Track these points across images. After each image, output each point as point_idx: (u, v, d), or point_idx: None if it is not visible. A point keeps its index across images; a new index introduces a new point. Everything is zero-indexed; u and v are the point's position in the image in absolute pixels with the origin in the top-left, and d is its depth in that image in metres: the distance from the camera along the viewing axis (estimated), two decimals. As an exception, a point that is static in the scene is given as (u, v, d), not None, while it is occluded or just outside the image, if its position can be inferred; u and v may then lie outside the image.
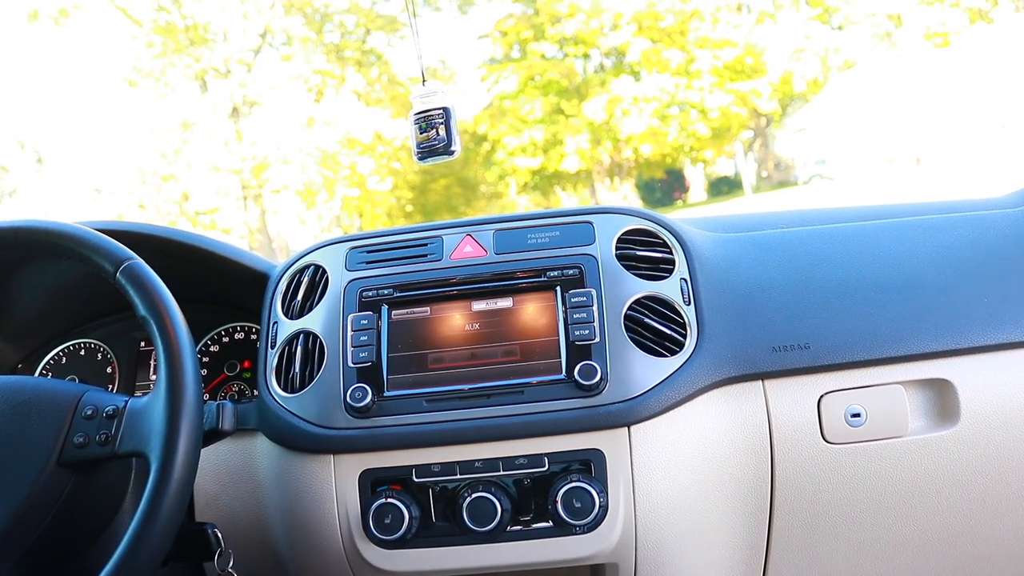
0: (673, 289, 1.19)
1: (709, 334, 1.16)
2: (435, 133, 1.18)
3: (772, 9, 20.95)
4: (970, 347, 1.16)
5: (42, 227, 1.10)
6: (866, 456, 1.16)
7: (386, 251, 1.27)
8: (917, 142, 17.83)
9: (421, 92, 1.19)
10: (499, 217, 1.29)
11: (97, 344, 1.48)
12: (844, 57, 20.24)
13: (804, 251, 1.28)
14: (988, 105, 15.65)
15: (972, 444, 1.16)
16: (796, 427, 1.16)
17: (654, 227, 1.27)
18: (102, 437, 1.02)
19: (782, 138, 22.72)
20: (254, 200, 21.05)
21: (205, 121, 19.75)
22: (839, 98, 19.81)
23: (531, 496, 1.10)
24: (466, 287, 1.21)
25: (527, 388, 1.12)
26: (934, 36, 19.40)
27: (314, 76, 20.72)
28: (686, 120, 20.23)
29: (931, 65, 18.45)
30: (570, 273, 1.19)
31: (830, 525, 1.19)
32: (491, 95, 21.02)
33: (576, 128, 20.21)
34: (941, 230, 1.30)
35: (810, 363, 1.16)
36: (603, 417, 1.09)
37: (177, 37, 19.97)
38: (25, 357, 1.49)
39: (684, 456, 1.12)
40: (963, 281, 1.21)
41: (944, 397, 1.17)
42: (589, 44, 20.78)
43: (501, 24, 20.91)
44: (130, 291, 1.04)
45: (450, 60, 21.90)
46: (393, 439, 1.11)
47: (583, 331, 1.14)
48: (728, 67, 20.18)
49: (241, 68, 20.60)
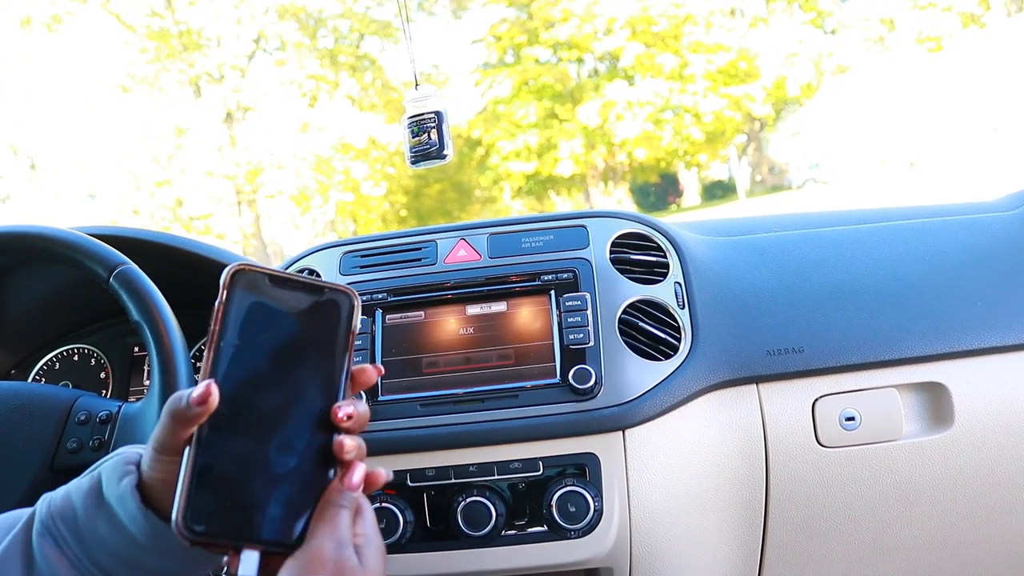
0: (667, 293, 1.20)
1: (703, 338, 1.16)
2: (427, 137, 1.18)
3: (765, 13, 21.00)
4: (964, 350, 1.16)
5: (35, 232, 1.10)
6: (860, 460, 1.16)
7: (380, 255, 1.27)
8: (910, 146, 17.89)
9: (414, 96, 1.19)
10: (493, 221, 1.29)
11: (90, 349, 1.47)
12: (837, 61, 20.29)
13: (798, 255, 1.28)
14: (981, 109, 15.71)
15: (966, 447, 1.16)
16: (790, 431, 1.16)
17: (648, 231, 1.27)
18: (95, 442, 1.02)
19: (776, 142, 22.76)
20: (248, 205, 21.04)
21: (199, 126, 19.73)
22: (833, 102, 19.86)
23: (526, 500, 1.10)
24: (460, 291, 1.21)
25: (521, 392, 1.12)
26: (927, 40, 19.47)
27: (308, 81, 20.72)
28: (680, 124, 20.25)
29: (924, 69, 18.52)
30: (564, 277, 1.19)
31: (824, 529, 1.19)
32: (485, 100, 21.03)
33: (570, 133, 20.22)
34: (934, 233, 1.30)
35: (804, 367, 1.16)
36: (597, 421, 1.09)
37: (170, 42, 19.95)
38: (18, 363, 1.49)
39: (678, 460, 1.12)
40: (957, 284, 1.21)
41: (938, 400, 1.17)
42: (583, 49, 20.80)
43: (495, 29, 20.92)
44: (123, 296, 1.04)
45: (444, 65, 21.90)
46: (387, 444, 1.11)
47: (577, 335, 1.14)
48: (722, 71, 20.20)
49: (235, 73, 20.59)
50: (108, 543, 0.68)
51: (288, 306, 0.69)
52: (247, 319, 0.67)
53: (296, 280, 0.70)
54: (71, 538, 0.68)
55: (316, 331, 0.69)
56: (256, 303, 0.68)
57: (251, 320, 0.67)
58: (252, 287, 0.68)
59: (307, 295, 0.70)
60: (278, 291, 0.69)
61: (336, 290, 0.70)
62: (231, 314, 0.67)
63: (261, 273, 0.69)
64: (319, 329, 0.69)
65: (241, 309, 0.67)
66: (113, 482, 0.69)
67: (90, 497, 0.70)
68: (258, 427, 0.66)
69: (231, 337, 0.67)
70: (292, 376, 0.68)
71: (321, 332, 0.69)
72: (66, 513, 0.69)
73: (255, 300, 0.68)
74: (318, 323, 0.69)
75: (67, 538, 0.68)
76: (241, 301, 0.67)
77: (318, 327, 0.69)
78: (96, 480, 0.70)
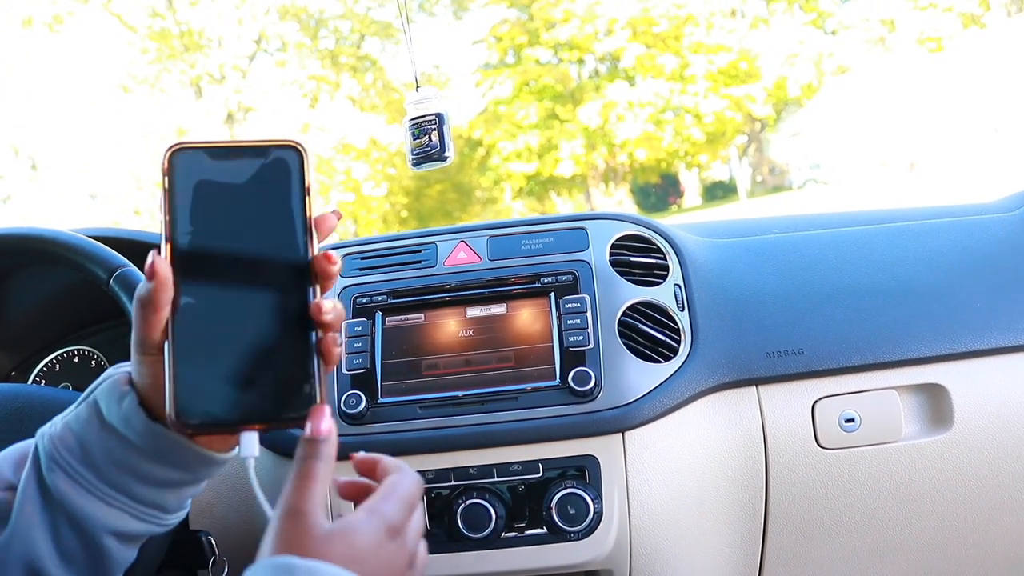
0: (667, 295, 1.20)
1: (703, 340, 1.16)
2: (428, 139, 1.18)
3: (766, 14, 21.00)
4: (964, 352, 1.16)
5: (35, 234, 1.10)
6: (860, 461, 1.16)
7: (380, 257, 1.27)
8: (911, 147, 17.88)
9: (415, 98, 1.19)
10: (493, 223, 1.29)
11: (90, 351, 1.48)
12: (838, 62, 20.29)
13: (798, 256, 1.28)
14: (981, 110, 15.70)
15: (966, 449, 1.16)
16: (790, 432, 1.16)
17: (648, 233, 1.27)
18: (95, 445, 1.02)
19: (776, 143, 22.75)
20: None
21: (200, 127, 19.73)
22: (833, 103, 19.86)
23: (525, 502, 1.10)
24: (460, 293, 1.21)
25: (521, 394, 1.12)
26: (927, 41, 19.47)
27: (309, 82, 20.72)
28: (681, 125, 20.24)
29: (924, 70, 18.51)
30: (564, 279, 1.19)
31: (824, 530, 1.19)
32: (486, 100, 21.02)
33: (571, 133, 20.21)
34: (935, 235, 1.30)
35: (804, 368, 1.16)
36: (597, 423, 1.09)
37: (172, 43, 19.97)
38: (18, 365, 1.49)
39: (678, 462, 1.12)
40: (957, 286, 1.21)
41: (938, 402, 1.17)
42: (584, 49, 20.80)
43: (496, 29, 20.92)
44: (123, 298, 1.04)
45: (445, 65, 21.90)
46: (387, 446, 1.11)
47: (577, 337, 1.14)
48: (722, 72, 20.20)
49: (236, 74, 20.61)
50: (121, 463, 0.69)
51: (235, 175, 0.67)
52: (195, 200, 0.66)
53: (237, 146, 0.68)
54: (81, 467, 0.69)
55: (268, 194, 0.67)
56: (201, 181, 0.66)
57: (199, 199, 0.66)
58: (194, 165, 0.66)
59: (252, 159, 0.67)
60: (222, 163, 0.67)
61: (281, 146, 0.68)
62: (178, 197, 0.66)
63: (200, 148, 0.67)
64: (271, 191, 0.67)
65: (187, 191, 0.66)
66: (113, 405, 0.69)
67: (92, 424, 0.70)
68: (229, 305, 0.65)
69: (183, 223, 0.65)
70: (253, 246, 0.66)
71: (273, 193, 0.67)
72: (70, 443, 0.70)
73: (200, 179, 0.66)
74: (269, 186, 0.67)
75: (77, 468, 0.69)
76: (186, 182, 0.66)
77: (269, 189, 0.67)
78: (94, 406, 0.71)
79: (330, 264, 0.66)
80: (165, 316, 0.65)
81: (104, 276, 1.06)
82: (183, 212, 0.65)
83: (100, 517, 0.69)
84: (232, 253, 0.66)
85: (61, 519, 0.69)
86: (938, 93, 17.32)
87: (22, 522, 0.68)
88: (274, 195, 0.67)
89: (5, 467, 0.72)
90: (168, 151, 0.66)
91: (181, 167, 0.66)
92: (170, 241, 0.65)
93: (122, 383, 0.71)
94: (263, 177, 0.67)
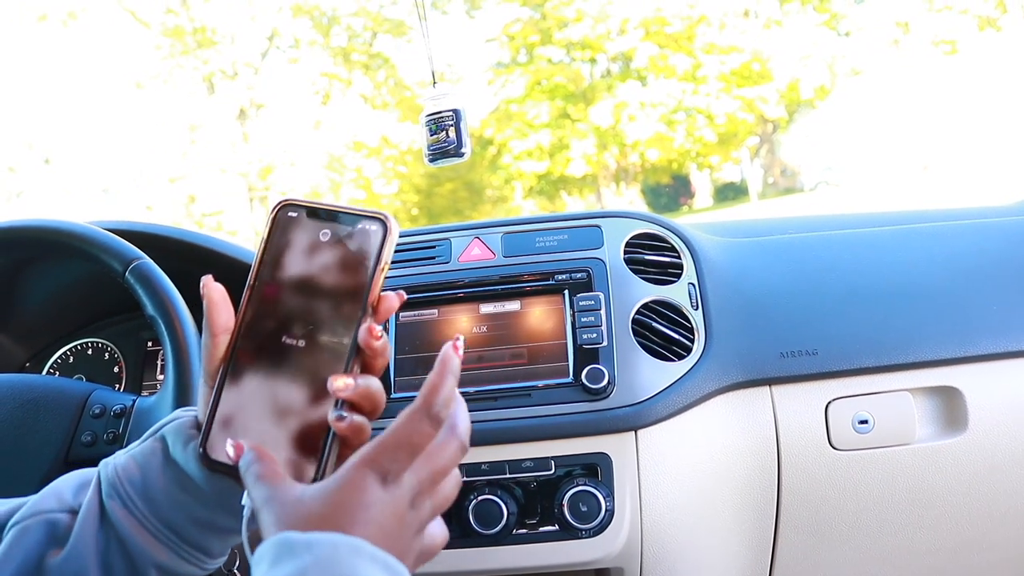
0: (681, 294, 1.19)
1: (717, 339, 1.16)
2: (445, 135, 1.18)
3: (779, 15, 20.93)
4: (979, 355, 1.16)
5: (51, 226, 1.10)
6: (873, 463, 1.16)
7: (394, 253, 1.27)
8: (924, 149, 17.80)
9: (432, 94, 1.19)
10: (507, 220, 1.29)
11: (104, 343, 1.48)
12: (851, 64, 20.20)
13: (812, 257, 1.28)
14: (996, 112, 15.62)
15: (980, 452, 1.15)
16: (803, 433, 1.16)
17: (662, 231, 1.27)
18: (110, 435, 1.02)
19: (789, 144, 22.67)
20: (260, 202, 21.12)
21: (212, 123, 19.79)
22: (846, 104, 19.78)
23: (537, 499, 1.10)
24: (474, 290, 1.21)
25: (534, 391, 1.12)
26: (942, 43, 19.37)
27: (321, 79, 20.76)
28: (692, 126, 20.16)
29: (939, 72, 18.42)
30: (578, 277, 1.19)
31: (836, 532, 1.19)
32: (497, 99, 21.00)
33: (582, 133, 20.17)
34: (949, 237, 1.30)
35: (818, 369, 1.15)
36: (610, 421, 1.09)
37: (185, 39, 20.02)
38: (33, 356, 1.49)
39: (690, 461, 1.12)
40: (972, 288, 1.21)
41: (952, 405, 1.17)
42: (596, 49, 20.75)
43: (508, 28, 20.88)
44: (138, 290, 1.04)
45: (457, 63, 21.90)
46: (400, 441, 1.11)
47: (591, 335, 1.14)
48: (735, 73, 20.12)
49: (248, 71, 20.65)
50: (179, 503, 0.70)
51: (322, 237, 0.69)
52: (281, 254, 0.69)
53: (332, 209, 0.70)
54: (139, 500, 0.70)
55: (345, 261, 0.69)
56: (291, 238, 0.69)
57: (284, 255, 0.69)
58: (291, 222, 0.70)
59: (342, 225, 0.70)
60: (315, 223, 0.70)
61: (369, 217, 0.70)
62: (271, 246, 0.69)
63: (302, 206, 0.70)
64: (348, 259, 0.69)
65: (280, 242, 0.69)
66: (179, 445, 0.70)
67: (156, 459, 0.71)
68: (276, 359, 0.67)
69: (266, 271, 0.69)
70: (315, 308, 0.68)
71: (351, 261, 0.69)
72: (133, 474, 0.71)
73: (291, 235, 0.69)
74: (348, 253, 0.69)
75: (135, 500, 0.70)
76: (282, 235, 0.69)
77: (348, 257, 0.69)
78: (161, 442, 0.72)
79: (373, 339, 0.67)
80: (221, 344, 0.68)
81: (119, 268, 1.06)
82: (270, 260, 0.69)
83: (150, 551, 0.70)
84: (296, 311, 0.68)
85: (114, 547, 0.70)
86: (952, 95, 17.23)
87: (79, 545, 0.69)
88: (351, 263, 0.69)
89: (66, 491, 0.73)
90: (277, 205, 0.70)
91: (282, 220, 0.70)
92: (253, 284, 0.69)
93: (190, 427, 0.72)
94: (346, 243, 0.69)
